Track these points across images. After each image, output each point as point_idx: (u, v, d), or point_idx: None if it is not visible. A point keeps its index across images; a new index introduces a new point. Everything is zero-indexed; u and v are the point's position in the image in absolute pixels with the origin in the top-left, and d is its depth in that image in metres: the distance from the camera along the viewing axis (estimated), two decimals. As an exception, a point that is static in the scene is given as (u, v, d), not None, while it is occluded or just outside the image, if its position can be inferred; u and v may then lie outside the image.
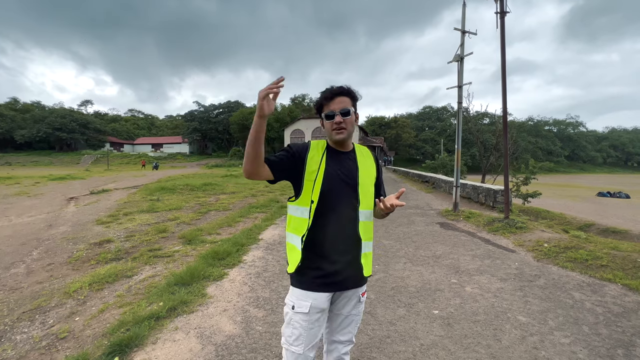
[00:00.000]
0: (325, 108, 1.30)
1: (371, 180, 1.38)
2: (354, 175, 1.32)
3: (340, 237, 1.28)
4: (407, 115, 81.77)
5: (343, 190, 1.29)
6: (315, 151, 1.33)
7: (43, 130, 52.22)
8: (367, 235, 1.34)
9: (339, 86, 1.31)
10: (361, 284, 1.36)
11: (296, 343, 1.27)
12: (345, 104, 1.29)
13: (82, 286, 3.35)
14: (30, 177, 19.49)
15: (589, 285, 3.23)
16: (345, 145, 1.36)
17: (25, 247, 5.07)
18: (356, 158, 1.37)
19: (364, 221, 1.32)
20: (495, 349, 2.17)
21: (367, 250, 1.36)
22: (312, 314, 1.26)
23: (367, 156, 1.42)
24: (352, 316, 1.37)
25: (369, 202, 1.34)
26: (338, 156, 1.34)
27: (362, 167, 1.36)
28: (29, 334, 2.54)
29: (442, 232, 5.64)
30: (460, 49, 7.22)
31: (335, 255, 1.27)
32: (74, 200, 10.32)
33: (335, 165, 1.31)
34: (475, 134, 21.89)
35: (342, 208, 1.28)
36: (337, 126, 1.28)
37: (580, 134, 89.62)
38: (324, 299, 1.28)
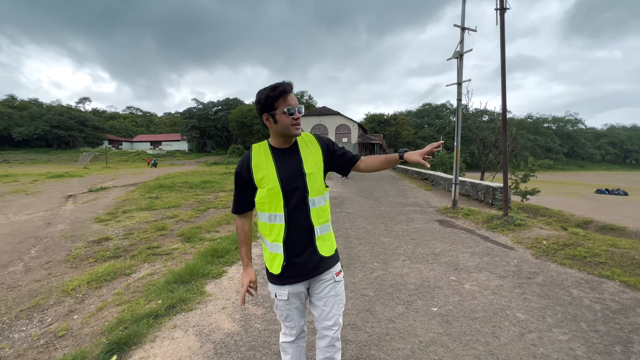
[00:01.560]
0: (282, 104, 1.31)
1: (318, 166, 1.42)
2: (300, 169, 1.37)
3: (299, 230, 1.37)
4: (406, 113, 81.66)
5: (295, 186, 1.35)
6: (258, 156, 1.39)
7: (41, 127, 51.93)
8: (320, 220, 1.41)
9: (290, 82, 1.34)
10: (328, 266, 1.44)
11: (287, 320, 1.48)
12: (297, 101, 1.35)
13: (81, 284, 3.35)
14: (28, 174, 19.41)
15: (587, 283, 3.23)
16: (290, 141, 1.41)
17: (23, 245, 5.06)
18: (299, 150, 1.41)
19: (314, 208, 1.38)
20: (494, 346, 2.17)
21: (323, 233, 1.42)
22: (292, 300, 1.43)
23: (310, 143, 1.45)
24: (331, 297, 1.44)
25: (319, 188, 1.40)
26: (283, 155, 1.39)
27: (306, 157, 1.40)
28: (27, 332, 2.53)
29: (441, 229, 5.64)
30: (459, 46, 7.18)
31: (297, 248, 1.37)
32: (72, 198, 10.28)
33: (284, 164, 1.37)
34: (475, 132, 21.88)
35: (297, 204, 1.36)
36: (295, 122, 1.33)
37: (579, 131, 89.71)
38: (300, 287, 1.42)
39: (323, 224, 1.42)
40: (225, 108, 56.94)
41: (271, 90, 1.31)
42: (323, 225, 1.42)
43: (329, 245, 1.43)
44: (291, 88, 1.34)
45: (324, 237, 1.41)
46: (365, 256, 4.12)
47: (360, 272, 3.56)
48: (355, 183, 14.24)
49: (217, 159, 45.22)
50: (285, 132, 1.35)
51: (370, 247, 4.50)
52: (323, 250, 1.40)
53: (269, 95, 1.31)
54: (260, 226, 1.42)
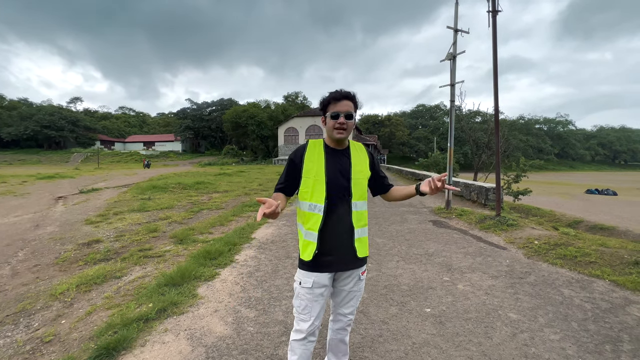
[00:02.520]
0: (332, 108, 1.46)
1: (364, 174, 1.54)
2: (348, 171, 1.50)
3: (338, 227, 1.47)
4: (400, 114, 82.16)
5: (340, 185, 1.48)
6: (313, 150, 1.53)
7: (31, 128, 51.02)
8: (360, 223, 1.52)
9: (347, 91, 1.48)
10: (359, 265, 1.56)
11: (304, 312, 1.51)
12: (350, 108, 1.47)
13: (69, 288, 3.27)
14: (17, 176, 19.03)
15: (578, 282, 3.27)
16: (342, 143, 1.54)
17: (11, 248, 4.94)
18: (350, 155, 1.54)
19: (356, 211, 1.50)
20: (487, 346, 2.18)
21: (361, 236, 1.53)
22: (315, 289, 1.49)
23: (360, 151, 1.60)
24: (354, 292, 1.60)
25: (361, 194, 1.53)
26: (335, 154, 1.53)
27: (355, 162, 1.53)
28: (12, 338, 2.47)
29: (435, 229, 5.67)
30: (452, 48, 7.24)
31: (334, 242, 1.48)
32: (63, 200, 10.10)
33: (333, 163, 1.50)
34: (468, 132, 22.08)
35: (340, 201, 1.47)
36: (339, 126, 1.45)
37: (570, 133, 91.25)
38: (325, 278, 1.50)
39: (362, 227, 1.54)
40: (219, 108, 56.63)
41: (330, 93, 1.49)
42: (362, 228, 1.54)
43: (364, 247, 1.55)
44: (348, 95, 1.47)
45: (361, 239, 1.53)
46: (359, 257, 4.12)
47: (354, 273, 3.55)
48: (350, 184, 14.25)
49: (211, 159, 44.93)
50: (329, 133, 1.50)
51: (365, 248, 4.50)
52: (360, 251, 1.53)
53: (325, 98, 1.50)
54: (299, 215, 1.54)
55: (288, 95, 64.10)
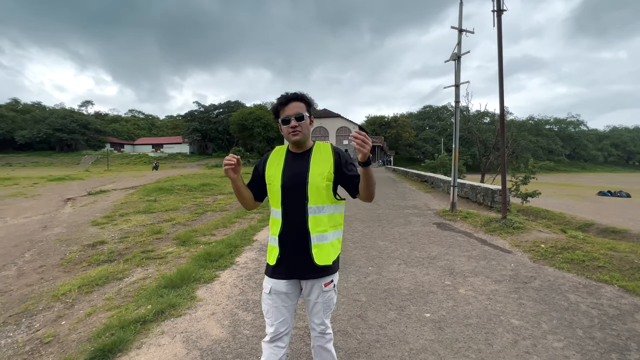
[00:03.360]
0: (282, 113, 1.45)
1: (324, 176, 1.45)
2: (304, 174, 1.45)
3: (293, 232, 1.44)
4: (407, 115, 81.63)
5: (295, 189, 1.44)
6: (275, 156, 1.55)
7: (43, 131, 52.24)
8: (319, 228, 1.44)
9: (293, 92, 1.48)
10: (320, 274, 1.46)
11: (268, 316, 1.50)
12: (300, 109, 1.44)
13: (72, 289, 3.32)
14: (29, 177, 19.48)
15: (585, 287, 3.17)
16: (302, 146, 1.51)
17: (18, 249, 5.04)
18: (310, 157, 1.49)
19: (313, 215, 1.43)
20: (486, 353, 2.12)
21: (320, 242, 1.44)
22: (273, 295, 1.47)
23: (324, 152, 1.51)
24: (319, 303, 1.50)
25: (319, 198, 1.44)
26: (294, 158, 1.51)
27: (315, 164, 1.47)
28: (13, 339, 2.51)
29: (439, 232, 5.59)
30: (457, 48, 7.16)
31: (290, 248, 1.45)
32: (71, 201, 10.29)
33: (290, 168, 1.49)
34: (475, 133, 21.81)
35: (295, 206, 1.44)
36: (292, 130, 1.44)
37: (582, 133, 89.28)
38: (282, 285, 1.46)
39: (321, 232, 1.44)
40: (226, 111, 57.11)
41: (277, 99, 1.49)
42: (321, 234, 1.44)
43: (324, 255, 1.44)
44: (295, 96, 1.46)
45: (320, 246, 1.44)
46: (360, 260, 4.08)
47: (354, 276, 3.51)
48: (355, 185, 14.19)
49: (218, 161, 45.29)
50: (287, 138, 1.49)
51: (366, 251, 4.46)
52: (318, 258, 1.43)
53: (274, 105, 1.50)
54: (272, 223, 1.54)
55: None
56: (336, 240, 1.52)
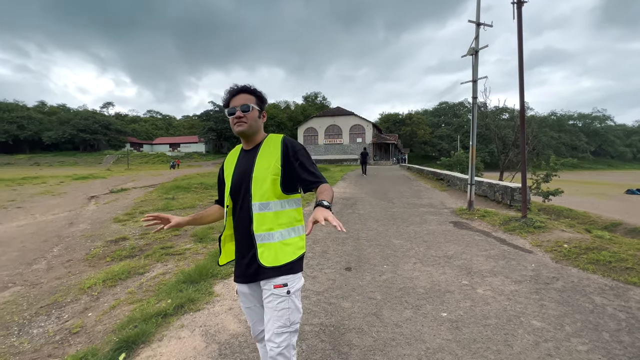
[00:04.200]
0: (230, 104, 1.42)
1: (269, 170, 1.34)
2: (249, 169, 1.39)
3: (239, 232, 1.41)
4: (422, 112, 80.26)
5: (240, 186, 1.40)
6: (230, 157, 1.52)
7: (68, 131, 54.69)
8: (264, 227, 1.33)
9: (243, 84, 1.44)
10: (267, 275, 1.32)
11: (246, 317, 1.54)
12: (247, 100, 1.40)
13: (97, 282, 3.46)
14: (55, 176, 20.43)
15: (612, 289, 3.04)
16: (251, 140, 1.45)
17: (47, 244, 5.31)
18: (257, 152, 1.41)
19: (258, 213, 1.34)
20: (506, 354, 2.07)
21: (265, 241, 1.33)
22: (241, 296, 1.48)
23: (273, 145, 1.41)
24: (269, 310, 1.32)
25: (263, 194, 1.34)
26: (244, 156, 1.47)
27: (261, 158, 1.39)
28: (44, 328, 2.65)
29: (455, 231, 5.48)
30: (474, 42, 6.97)
31: (238, 249, 1.43)
32: (95, 199, 10.72)
33: (240, 166, 1.45)
34: (494, 130, 21.18)
35: (240, 203, 1.39)
36: (237, 120, 1.39)
37: (608, 128, 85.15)
38: (244, 287, 1.45)
39: (266, 231, 1.32)
40: (240, 110, 57.83)
41: (226, 91, 1.45)
42: (267, 232, 1.32)
43: (272, 256, 1.32)
44: (244, 89, 1.43)
45: (267, 245, 1.32)
46: (375, 258, 4.06)
47: (369, 274, 3.50)
48: (369, 184, 14.10)
49: (233, 160, 46.02)
50: (233, 130, 1.42)
51: (381, 249, 4.43)
52: (263, 258, 1.32)
53: (224, 97, 1.46)
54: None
55: (307, 95, 64.53)
56: (289, 240, 1.35)
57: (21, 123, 55.80)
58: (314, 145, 43.52)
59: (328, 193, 1.27)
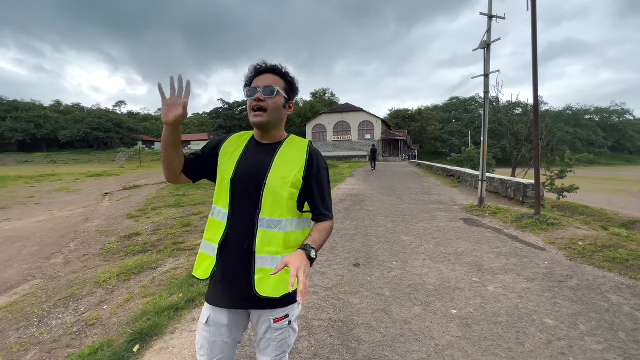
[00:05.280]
0: (252, 84, 1.12)
1: (287, 181, 1.08)
2: (262, 173, 1.09)
3: (235, 246, 1.08)
4: (432, 107, 79.11)
5: (247, 190, 1.09)
6: (233, 144, 1.17)
7: (83, 130, 56.09)
8: (269, 249, 1.06)
9: (273, 64, 1.13)
10: (262, 306, 1.08)
11: (201, 352, 1.13)
12: (273, 82, 1.10)
13: (111, 276, 3.56)
14: (71, 174, 21.02)
15: (629, 288, 2.96)
16: (268, 135, 1.16)
17: (64, 239, 5.48)
18: (277, 152, 1.13)
19: (264, 230, 1.07)
20: (517, 352, 2.04)
21: (268, 266, 1.06)
22: (211, 326, 1.11)
23: (297, 150, 1.15)
24: (267, 340, 1.12)
25: (276, 209, 1.07)
26: (257, 150, 1.15)
27: (279, 163, 1.11)
28: (62, 320, 2.74)
29: (466, 228, 5.41)
30: (486, 35, 6.81)
31: (229, 265, 1.09)
32: (109, 196, 11.00)
33: (248, 159, 1.13)
34: (506, 125, 20.73)
35: (243, 212, 1.09)
36: (256, 105, 1.08)
37: (627, 123, 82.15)
38: (223, 315, 1.11)
39: (272, 254, 1.07)
40: (249, 107, 58.18)
41: (250, 67, 1.14)
42: (271, 256, 1.06)
43: (271, 285, 1.05)
44: (273, 68, 1.13)
45: (268, 271, 1.05)
46: (383, 255, 4.05)
47: (378, 271, 3.50)
48: (378, 180, 14.02)
49: (242, 157, 46.40)
50: (249, 118, 1.12)
51: (390, 246, 4.41)
52: (260, 287, 1.05)
53: (246, 75, 1.15)
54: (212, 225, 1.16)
55: (316, 92, 64.34)
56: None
57: (38, 122, 57.56)
58: (322, 142, 43.47)
59: (324, 236, 1.08)
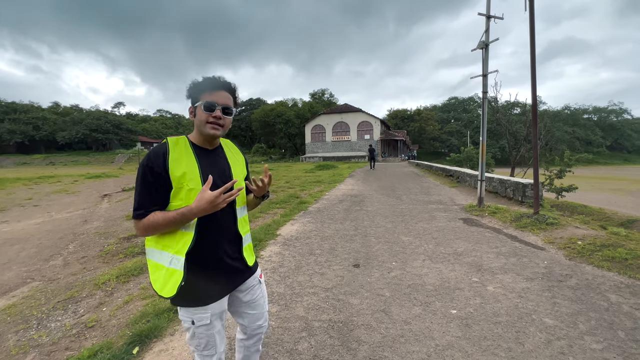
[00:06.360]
0: (205, 97, 1.19)
1: (242, 177, 1.37)
2: (229, 175, 1.30)
3: (224, 241, 1.27)
4: (431, 108, 79.23)
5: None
6: (178, 152, 1.19)
7: (81, 131, 55.99)
8: (245, 229, 1.38)
9: (225, 80, 1.24)
10: (252, 273, 1.40)
11: (208, 347, 1.27)
12: (229, 101, 1.24)
13: (110, 278, 3.55)
14: (70, 175, 20.97)
15: (628, 287, 2.96)
16: (213, 142, 1.29)
17: (63, 241, 5.46)
18: (226, 155, 1.34)
19: (240, 218, 1.35)
20: (517, 352, 2.05)
21: (247, 243, 1.39)
22: (214, 322, 1.25)
23: (235, 151, 1.42)
24: (259, 299, 1.43)
25: (241, 199, 1.36)
26: (207, 155, 1.26)
27: (234, 164, 1.35)
28: (62, 322, 2.73)
29: (465, 228, 5.41)
30: (485, 35, 6.83)
31: (222, 260, 1.27)
32: (107, 197, 10.97)
33: (208, 165, 1.23)
34: (505, 125, 20.77)
35: (223, 210, 1.19)
36: (214, 120, 1.19)
37: (625, 122, 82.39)
38: (222, 303, 1.28)
39: (247, 233, 1.40)
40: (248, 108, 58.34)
41: (204, 79, 1.22)
42: (247, 235, 1.40)
43: (252, 255, 1.42)
44: (229, 87, 1.24)
45: (249, 247, 1.40)
46: (383, 255, 4.04)
47: (377, 271, 3.50)
48: (377, 180, 14.03)
49: (242, 158, 46.35)
50: (200, 128, 1.21)
51: (389, 246, 4.41)
52: (249, 260, 1.39)
53: (196, 83, 1.21)
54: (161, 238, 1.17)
55: (314, 92, 64.35)
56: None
57: (36, 124, 57.41)
58: (321, 142, 43.48)
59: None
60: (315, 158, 39.29)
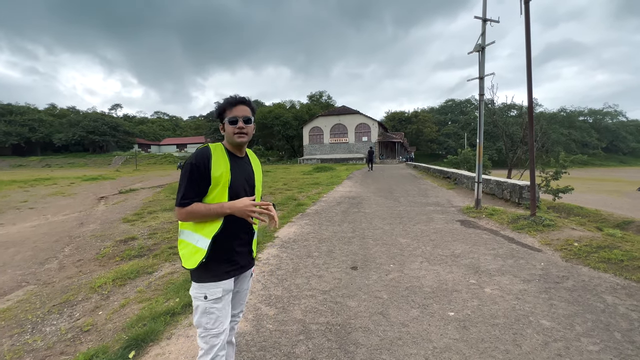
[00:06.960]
0: (228, 113, 1.48)
1: (261, 181, 1.68)
2: (252, 179, 1.59)
3: (242, 232, 1.52)
4: (428, 110, 79.61)
5: (246, 192, 1.52)
6: (218, 155, 1.46)
7: (78, 133, 55.73)
8: (256, 225, 1.60)
9: (242, 96, 1.52)
10: (252, 265, 1.68)
11: (216, 325, 1.45)
12: (247, 112, 1.50)
13: (107, 282, 3.53)
14: (66, 177, 20.83)
15: (624, 288, 2.98)
16: (242, 150, 1.57)
17: (59, 244, 5.42)
18: (251, 163, 1.62)
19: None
20: (514, 354, 2.05)
21: (256, 237, 1.65)
22: (224, 298, 1.48)
23: (256, 161, 1.70)
24: (246, 290, 1.70)
25: (258, 198, 1.63)
26: (238, 161, 1.54)
27: (256, 171, 1.65)
28: (57, 326, 2.71)
29: (463, 230, 5.43)
30: (481, 38, 6.88)
31: (238, 247, 1.53)
32: (104, 200, 10.90)
33: (239, 171, 1.51)
34: (501, 127, 20.88)
35: None
36: (239, 131, 1.47)
37: (620, 124, 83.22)
38: (231, 283, 1.52)
39: (257, 229, 1.64)
40: (246, 110, 58.17)
41: (224, 100, 1.52)
42: (256, 231, 1.65)
43: (255, 249, 1.68)
44: (244, 100, 1.51)
45: (256, 241, 1.66)
46: (381, 257, 4.05)
47: (375, 273, 3.50)
48: (375, 182, 14.05)
49: (239, 160, 46.24)
50: (230, 139, 1.50)
51: (387, 248, 4.42)
52: (255, 252, 1.66)
53: (222, 104, 1.52)
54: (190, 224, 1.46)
55: (312, 94, 64.41)
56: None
57: (33, 126, 57.04)
58: (319, 144, 43.50)
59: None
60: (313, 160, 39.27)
